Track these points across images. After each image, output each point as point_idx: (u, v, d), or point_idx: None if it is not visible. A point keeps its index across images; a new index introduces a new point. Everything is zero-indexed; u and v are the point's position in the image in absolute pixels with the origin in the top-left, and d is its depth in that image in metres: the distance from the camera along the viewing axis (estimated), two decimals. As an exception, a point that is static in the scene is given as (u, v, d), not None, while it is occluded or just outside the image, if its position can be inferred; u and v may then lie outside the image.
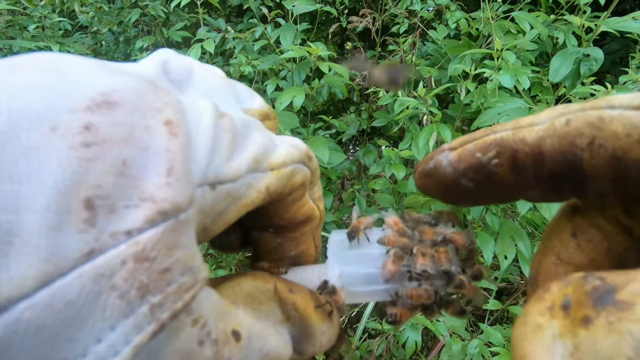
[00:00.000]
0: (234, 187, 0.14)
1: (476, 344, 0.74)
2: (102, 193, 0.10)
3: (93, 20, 1.62)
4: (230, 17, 1.88)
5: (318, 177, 0.19)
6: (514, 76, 0.69)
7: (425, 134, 0.79)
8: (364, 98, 1.54)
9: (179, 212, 0.11)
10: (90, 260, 0.10)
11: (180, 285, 0.11)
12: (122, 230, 0.10)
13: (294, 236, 0.19)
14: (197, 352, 0.12)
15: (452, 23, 1.07)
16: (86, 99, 0.11)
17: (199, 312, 0.12)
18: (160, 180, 0.11)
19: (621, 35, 0.77)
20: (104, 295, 0.10)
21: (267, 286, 0.17)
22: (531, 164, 0.14)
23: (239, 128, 0.14)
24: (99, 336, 0.10)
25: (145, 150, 0.11)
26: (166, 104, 0.12)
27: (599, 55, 0.53)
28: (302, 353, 0.17)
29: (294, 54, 0.91)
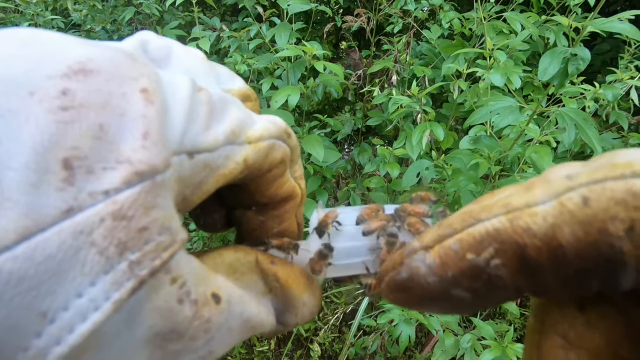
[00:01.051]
0: (212, 157, 0.14)
1: (468, 338, 0.76)
2: (80, 154, 0.11)
3: (86, 19, 1.61)
4: (225, 16, 1.87)
5: (298, 155, 0.19)
6: (505, 75, 0.70)
7: (418, 132, 0.80)
8: (359, 97, 1.55)
9: (155, 174, 0.11)
10: (69, 218, 0.10)
11: (159, 244, 0.11)
12: (100, 190, 0.11)
13: (276, 214, 0.19)
14: (177, 310, 0.12)
15: (446, 23, 1.09)
16: (63, 67, 0.11)
17: (178, 272, 0.12)
18: (137, 143, 0.11)
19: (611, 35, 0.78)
20: (83, 251, 0.10)
21: (248, 257, 0.17)
22: (549, 263, 0.10)
23: (216, 102, 0.15)
24: (79, 291, 0.10)
25: (122, 116, 0.11)
26: (142, 74, 0.12)
27: (586, 55, 0.55)
28: (285, 324, 0.18)
29: (289, 53, 0.92)
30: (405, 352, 1.04)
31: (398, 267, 0.13)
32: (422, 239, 0.12)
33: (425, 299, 0.12)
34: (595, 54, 1.57)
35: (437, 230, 0.12)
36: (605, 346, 0.11)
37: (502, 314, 1.06)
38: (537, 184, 0.11)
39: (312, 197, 1.23)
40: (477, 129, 0.80)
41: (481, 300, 0.12)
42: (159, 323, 0.12)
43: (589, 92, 0.76)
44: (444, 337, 0.78)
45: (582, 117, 0.62)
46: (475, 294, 0.11)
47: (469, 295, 0.11)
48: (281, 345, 1.17)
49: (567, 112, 0.64)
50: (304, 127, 1.19)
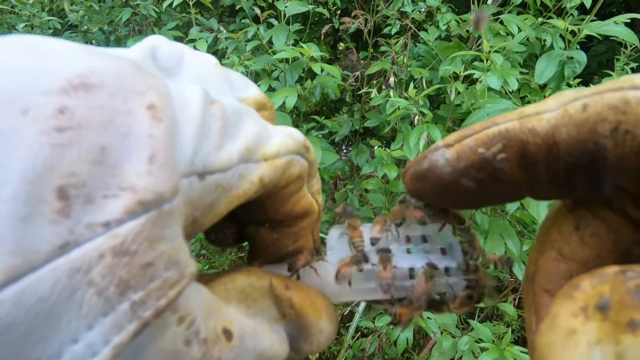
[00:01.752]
0: (224, 177, 0.13)
1: (466, 340, 0.76)
2: (77, 182, 0.09)
3: (83, 19, 1.60)
4: (222, 17, 1.87)
5: (316, 169, 0.18)
6: (501, 77, 0.71)
7: (415, 134, 0.80)
8: (357, 98, 1.55)
9: (162, 203, 0.10)
10: (64, 254, 0.09)
11: (165, 281, 0.10)
12: (99, 222, 0.10)
13: (292, 231, 0.18)
14: (184, 352, 0.11)
15: (443, 25, 1.09)
16: (62, 81, 0.10)
17: (186, 310, 0.11)
18: (142, 168, 0.10)
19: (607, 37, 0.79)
20: (79, 291, 0.09)
21: (261, 283, 0.16)
22: (544, 158, 0.12)
23: (230, 116, 0.14)
24: (75, 336, 0.09)
25: (126, 137, 0.10)
26: (150, 87, 0.11)
27: (582, 58, 0.55)
28: (299, 352, 0.17)
29: (287, 55, 0.92)
30: (403, 354, 1.03)
31: (421, 160, 0.15)
32: (447, 139, 0.14)
33: (438, 187, 0.14)
34: (592, 56, 1.58)
35: (459, 132, 0.14)
36: (593, 259, 0.14)
37: (500, 316, 1.06)
38: (551, 98, 0.13)
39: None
40: (475, 131, 0.80)
41: (484, 192, 0.14)
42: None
43: (586, 94, 0.76)
44: (442, 339, 0.78)
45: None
46: (480, 184, 0.14)
47: (474, 185, 0.14)
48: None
49: (564, 115, 0.64)
50: (302, 129, 1.19)
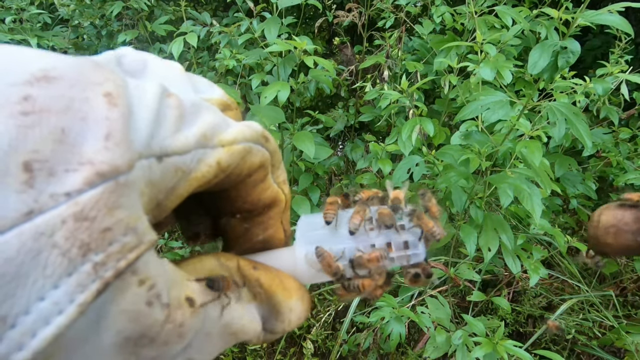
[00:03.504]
0: (183, 160, 0.14)
1: (460, 334, 0.75)
2: (41, 157, 0.10)
3: (74, 14, 1.58)
4: (216, 11, 1.85)
5: (280, 159, 0.19)
6: (494, 69, 0.70)
7: (408, 128, 0.80)
8: (352, 93, 1.54)
9: (117, 175, 0.11)
10: (29, 220, 0.10)
11: (124, 245, 0.11)
12: (61, 192, 0.10)
13: (261, 220, 0.19)
14: (146, 313, 0.12)
15: (437, 18, 1.08)
16: (26, 74, 0.11)
17: (146, 274, 0.12)
18: (99, 144, 0.11)
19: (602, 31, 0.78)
20: (44, 253, 0.10)
21: (229, 263, 0.17)
22: None
23: (188, 107, 0.15)
24: (41, 294, 0.10)
25: (84, 120, 0.11)
26: (107, 79, 0.12)
27: (576, 47, 0.54)
28: (272, 331, 0.18)
29: (279, 48, 0.90)
30: (398, 349, 1.03)
31: None
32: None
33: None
34: (587, 50, 1.57)
35: None
36: None
37: (494, 310, 1.06)
38: None
39: (305, 194, 1.22)
40: (468, 125, 0.80)
41: None
42: (127, 327, 0.12)
43: (580, 86, 0.75)
44: (436, 334, 0.78)
45: (573, 112, 0.61)
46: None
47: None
48: (274, 343, 1.16)
49: (558, 107, 0.63)
50: (296, 124, 1.18)
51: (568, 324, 1.00)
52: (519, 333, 1.08)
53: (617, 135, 1.18)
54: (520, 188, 0.71)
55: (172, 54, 1.13)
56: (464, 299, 1.10)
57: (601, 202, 1.29)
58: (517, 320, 1.08)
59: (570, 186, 1.12)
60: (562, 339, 1.04)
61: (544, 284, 1.13)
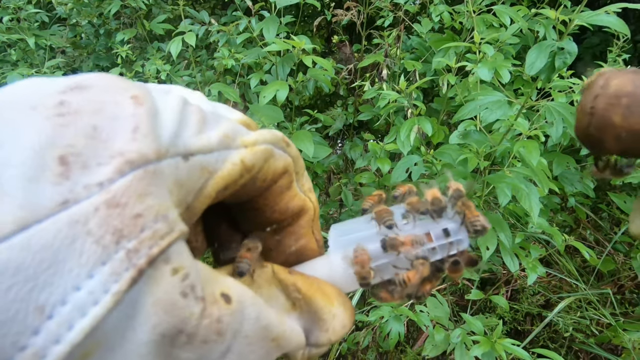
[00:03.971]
0: (207, 160, 0.14)
1: (458, 333, 0.76)
2: (75, 151, 0.11)
3: (72, 12, 1.57)
4: (214, 9, 1.84)
5: (303, 167, 0.19)
6: (492, 69, 0.70)
7: (406, 127, 0.80)
8: (351, 92, 1.54)
9: (146, 163, 0.12)
10: (65, 209, 0.10)
11: (155, 232, 0.11)
12: (94, 182, 0.11)
13: (292, 230, 0.19)
14: (181, 305, 0.12)
15: (436, 16, 1.08)
16: (62, 86, 0.13)
17: (179, 263, 0.12)
18: (127, 137, 0.12)
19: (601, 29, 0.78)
20: (79, 240, 0.10)
21: (264, 269, 0.17)
22: None
23: (209, 114, 0.15)
24: (77, 283, 0.10)
25: (114, 119, 0.12)
26: (133, 86, 0.13)
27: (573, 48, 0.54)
28: (318, 344, 0.16)
29: (277, 47, 0.90)
30: (397, 347, 1.04)
31: None
32: None
33: None
34: (585, 48, 1.57)
35: None
36: None
37: (492, 309, 1.07)
38: None
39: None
40: (467, 124, 0.80)
41: None
42: (163, 321, 0.11)
43: (578, 85, 0.76)
44: (434, 333, 0.78)
45: (570, 111, 0.61)
46: None
47: None
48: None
49: (555, 106, 0.64)
50: (295, 123, 1.18)
51: (566, 322, 1.01)
52: (517, 331, 1.09)
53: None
54: (518, 187, 0.72)
55: (171, 53, 1.13)
56: (462, 297, 1.10)
57: (599, 200, 1.29)
58: (515, 318, 1.08)
59: (569, 184, 1.12)
60: (560, 337, 1.04)
61: (542, 282, 1.14)
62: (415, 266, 0.17)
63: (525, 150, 0.67)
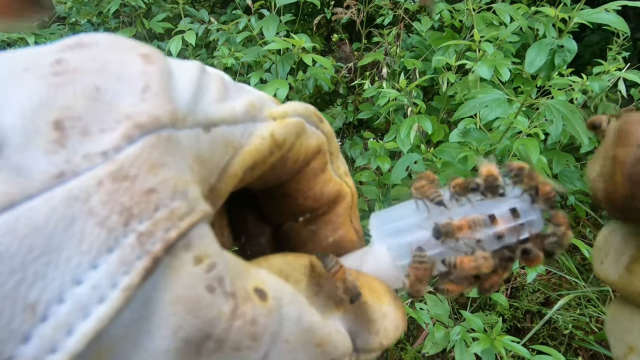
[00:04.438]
0: (232, 132, 0.12)
1: (458, 330, 0.76)
2: (73, 114, 0.09)
3: (71, 11, 1.57)
4: (214, 8, 1.84)
5: (337, 147, 0.16)
6: (492, 67, 0.70)
7: (406, 126, 0.80)
8: (351, 90, 1.54)
9: (159, 127, 0.10)
10: (61, 183, 0.08)
11: (172, 211, 0.09)
12: (96, 152, 0.09)
13: (328, 219, 0.16)
14: (208, 302, 0.09)
15: (435, 14, 1.08)
16: (61, 44, 0.11)
17: (202, 250, 0.10)
18: (136, 97, 0.10)
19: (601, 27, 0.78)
20: (79, 222, 0.08)
21: (300, 260, 0.14)
22: None
23: (230, 84, 0.13)
24: (77, 276, 0.08)
25: (120, 78, 0.10)
26: (145, 47, 0.11)
27: (573, 46, 0.54)
28: (367, 348, 0.14)
29: (277, 46, 0.90)
30: (397, 345, 1.04)
31: None
32: None
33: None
34: (585, 46, 1.57)
35: None
36: None
37: (492, 306, 1.07)
38: None
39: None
40: (466, 122, 0.80)
41: None
42: (186, 323, 0.09)
43: (577, 83, 0.76)
44: (434, 330, 0.79)
45: (569, 109, 0.62)
46: None
47: None
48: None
49: (554, 104, 0.64)
50: (295, 121, 1.18)
51: (565, 320, 1.01)
52: (517, 329, 1.09)
53: (614, 132, 1.18)
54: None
55: (171, 52, 1.13)
56: (462, 295, 1.11)
57: (599, 198, 1.29)
58: (515, 316, 1.09)
59: (568, 182, 1.12)
60: (560, 334, 1.05)
61: (542, 280, 1.14)
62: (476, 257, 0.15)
63: (525, 148, 0.67)
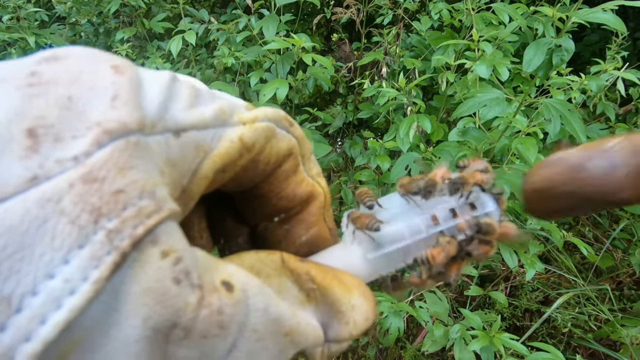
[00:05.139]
0: (202, 136, 0.13)
1: (458, 328, 0.77)
2: (46, 123, 0.10)
3: (71, 11, 1.57)
4: (214, 8, 1.84)
5: (309, 149, 0.17)
6: (490, 66, 0.70)
7: (405, 125, 0.80)
8: (351, 90, 1.55)
9: (127, 132, 0.10)
10: (34, 186, 0.09)
11: (140, 209, 0.10)
12: (68, 157, 0.10)
13: (301, 218, 0.17)
14: (174, 293, 0.10)
15: (435, 14, 1.08)
16: (37, 57, 0.11)
17: (169, 245, 0.10)
18: (106, 106, 0.11)
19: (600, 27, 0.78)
20: (51, 221, 0.09)
21: (272, 257, 0.15)
22: None
23: (203, 91, 0.14)
24: (50, 270, 0.09)
25: (92, 89, 0.11)
26: (115, 57, 0.12)
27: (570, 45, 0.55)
28: (338, 339, 0.15)
29: (277, 46, 0.91)
30: (397, 343, 1.05)
31: None
32: None
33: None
34: (584, 46, 1.58)
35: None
36: None
37: (491, 304, 1.08)
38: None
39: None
40: (466, 121, 0.80)
41: None
42: (154, 312, 0.10)
43: (575, 83, 0.76)
44: (434, 328, 0.79)
45: (567, 108, 0.62)
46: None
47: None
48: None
49: (553, 104, 0.64)
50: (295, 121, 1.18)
51: (564, 318, 1.02)
52: (516, 327, 1.10)
53: (613, 131, 1.18)
54: (517, 184, 0.72)
55: (171, 52, 1.13)
56: (461, 293, 1.11)
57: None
58: (514, 314, 1.09)
59: (567, 182, 1.12)
60: (559, 332, 1.05)
61: (541, 279, 1.15)
62: (441, 243, 0.16)
63: (524, 147, 0.67)
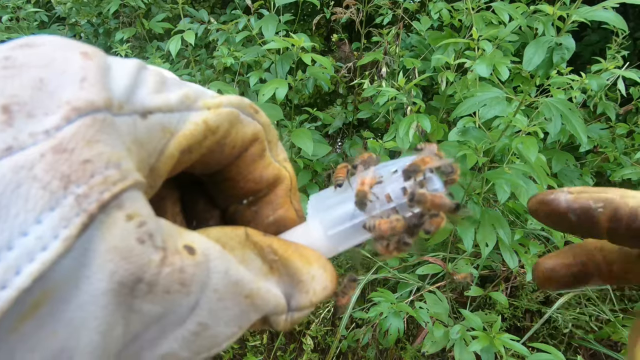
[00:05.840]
0: (168, 119, 0.14)
1: (458, 329, 0.76)
2: (20, 101, 0.11)
3: (71, 12, 1.57)
4: (213, 8, 1.84)
5: (275, 136, 0.18)
6: (490, 65, 0.70)
7: (405, 124, 0.80)
8: (350, 90, 1.54)
9: (94, 110, 0.12)
10: (8, 155, 0.10)
11: (106, 178, 0.11)
12: (40, 130, 0.11)
13: (268, 200, 0.19)
14: (139, 251, 0.11)
15: (435, 14, 1.08)
16: (12, 44, 0.12)
17: (134, 209, 0.12)
18: (75, 87, 0.12)
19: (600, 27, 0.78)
20: (24, 185, 0.10)
21: (236, 231, 0.16)
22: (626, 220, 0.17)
23: (171, 79, 0.15)
24: (24, 229, 0.10)
25: (63, 73, 0.12)
26: (87, 46, 0.13)
27: (571, 44, 0.54)
28: (299, 307, 0.16)
29: (277, 46, 0.90)
30: (397, 344, 1.04)
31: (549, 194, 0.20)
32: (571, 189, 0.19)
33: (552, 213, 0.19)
34: (585, 45, 1.57)
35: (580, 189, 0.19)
36: None
37: (492, 305, 1.07)
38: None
39: (304, 191, 1.22)
40: (465, 121, 0.80)
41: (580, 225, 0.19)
42: (120, 267, 0.11)
43: (576, 82, 0.76)
44: (434, 329, 0.79)
45: (568, 108, 0.62)
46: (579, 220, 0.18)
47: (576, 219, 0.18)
48: (274, 339, 1.17)
49: (553, 103, 0.64)
50: (294, 121, 1.18)
51: (565, 318, 1.01)
52: (517, 327, 1.09)
53: (614, 131, 1.18)
54: (517, 184, 0.72)
55: (170, 52, 1.13)
56: (461, 294, 1.11)
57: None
58: (514, 314, 1.09)
59: (568, 181, 1.12)
60: (560, 333, 1.05)
61: (542, 279, 1.14)
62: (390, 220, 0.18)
63: (524, 147, 0.67)
